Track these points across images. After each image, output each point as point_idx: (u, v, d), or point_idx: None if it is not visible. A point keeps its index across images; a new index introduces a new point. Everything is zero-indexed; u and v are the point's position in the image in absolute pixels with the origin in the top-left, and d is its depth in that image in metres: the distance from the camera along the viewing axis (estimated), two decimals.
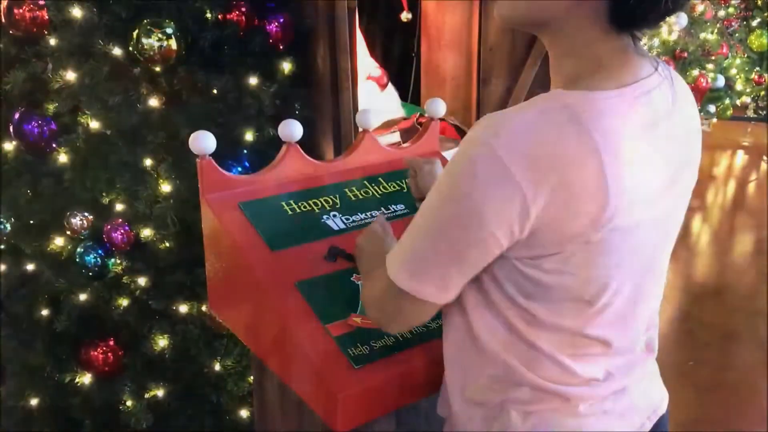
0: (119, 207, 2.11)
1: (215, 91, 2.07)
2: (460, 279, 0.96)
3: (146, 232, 2.09)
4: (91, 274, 2.16)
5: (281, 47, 2.16)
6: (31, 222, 2.26)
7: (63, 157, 2.12)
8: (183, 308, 2.15)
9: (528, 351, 0.99)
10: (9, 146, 2.22)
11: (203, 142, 1.38)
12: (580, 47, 0.92)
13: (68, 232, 2.16)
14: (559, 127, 0.86)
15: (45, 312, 2.27)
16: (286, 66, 2.16)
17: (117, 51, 2.00)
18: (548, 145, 0.85)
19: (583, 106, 0.87)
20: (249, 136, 2.11)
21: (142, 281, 2.14)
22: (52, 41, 2.06)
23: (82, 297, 2.18)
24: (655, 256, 1.01)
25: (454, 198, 0.89)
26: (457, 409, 1.10)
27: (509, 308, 0.97)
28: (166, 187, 2.06)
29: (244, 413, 2.26)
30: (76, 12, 2.01)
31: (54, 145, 2.13)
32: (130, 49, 1.96)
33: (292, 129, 1.49)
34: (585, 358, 1.00)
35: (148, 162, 2.06)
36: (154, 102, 2.02)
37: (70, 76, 2.04)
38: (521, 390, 1.01)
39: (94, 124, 2.06)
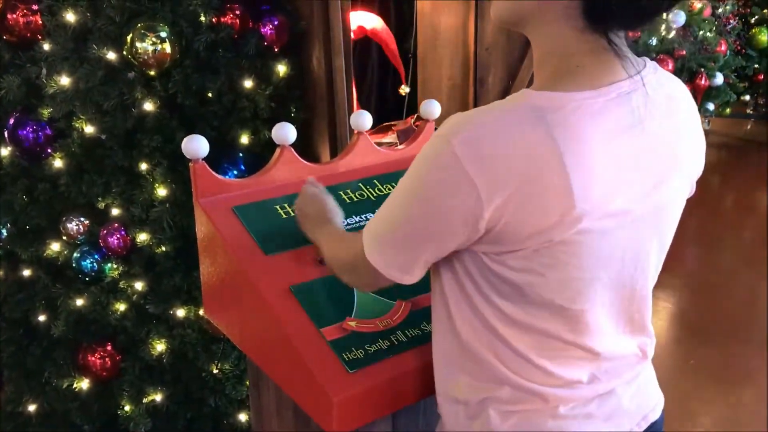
0: (115, 211, 2.10)
1: (210, 95, 2.07)
2: (421, 266, 0.99)
3: (142, 237, 2.09)
4: (87, 278, 2.16)
5: (276, 49, 2.15)
6: (27, 227, 2.25)
7: (58, 162, 2.12)
8: (180, 312, 2.15)
9: (505, 350, 0.99)
10: (4, 152, 2.21)
11: (196, 145, 1.38)
12: (557, 47, 0.92)
13: (64, 237, 2.16)
14: (521, 127, 0.85)
15: (42, 317, 2.27)
16: (281, 68, 2.15)
17: (111, 55, 1.99)
18: (507, 145, 0.85)
19: (551, 108, 0.86)
20: (245, 139, 2.10)
21: (139, 285, 2.14)
22: (46, 46, 2.06)
23: (79, 302, 2.17)
24: (640, 260, 1.00)
25: (414, 192, 0.93)
26: (443, 406, 1.10)
27: (485, 306, 0.97)
28: (161, 191, 2.06)
29: (242, 417, 2.26)
30: (70, 17, 2.01)
31: (49, 150, 2.13)
32: (125, 53, 1.96)
33: (285, 132, 1.48)
34: (566, 361, 1.00)
35: (143, 166, 2.06)
36: (149, 106, 2.01)
37: (65, 80, 2.03)
38: (502, 389, 1.01)
39: (89, 129, 2.06)
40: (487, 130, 0.86)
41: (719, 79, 5.01)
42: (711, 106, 5.21)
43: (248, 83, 2.08)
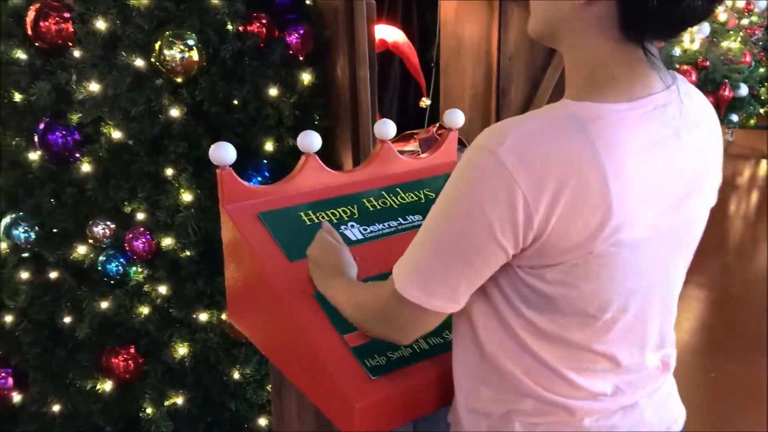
0: (141, 216, 2.13)
1: (236, 102, 2.09)
2: (468, 288, 0.95)
3: (167, 241, 2.11)
4: (112, 282, 2.19)
5: (301, 58, 2.18)
6: (55, 230, 2.28)
7: (86, 167, 2.15)
8: (203, 316, 2.17)
9: (532, 362, 0.99)
10: (33, 156, 2.25)
11: (223, 152, 1.40)
12: (591, 58, 0.92)
13: (91, 241, 2.19)
14: (565, 137, 0.86)
15: (67, 319, 2.29)
16: (306, 77, 2.17)
17: (139, 62, 2.03)
18: (553, 154, 0.85)
19: (591, 118, 0.87)
20: (269, 147, 2.13)
21: (162, 289, 2.16)
22: (77, 53, 2.10)
23: (104, 305, 2.20)
24: (668, 272, 1.00)
25: (460, 206, 0.89)
26: (463, 419, 1.10)
27: (514, 318, 0.97)
28: (187, 197, 2.08)
29: (262, 422, 2.27)
30: (100, 24, 2.05)
31: (77, 155, 2.16)
32: (153, 60, 1.99)
33: (310, 140, 1.50)
34: (592, 373, 1.00)
35: (169, 172, 2.09)
36: (175, 112, 2.04)
37: (94, 87, 2.07)
38: (525, 402, 1.01)
39: (117, 135, 2.09)
40: (532, 138, 0.85)
41: (743, 90, 4.98)
42: (735, 118, 5.18)
43: (273, 91, 2.10)
